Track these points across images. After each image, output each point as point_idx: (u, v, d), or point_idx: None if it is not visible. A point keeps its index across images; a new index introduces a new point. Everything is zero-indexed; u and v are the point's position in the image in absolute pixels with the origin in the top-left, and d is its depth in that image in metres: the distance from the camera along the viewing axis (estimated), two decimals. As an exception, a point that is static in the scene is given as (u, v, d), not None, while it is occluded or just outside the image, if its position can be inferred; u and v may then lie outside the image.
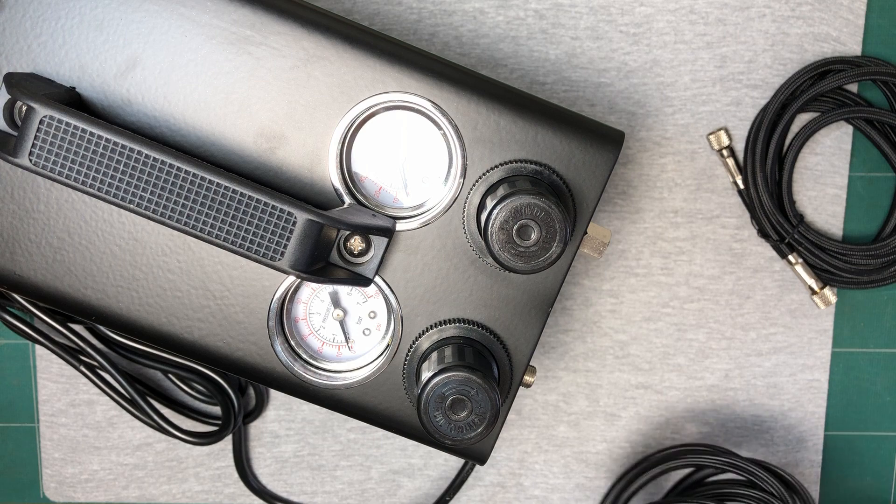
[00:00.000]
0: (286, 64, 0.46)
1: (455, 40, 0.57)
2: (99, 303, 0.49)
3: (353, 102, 0.47)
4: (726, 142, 0.58)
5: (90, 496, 0.63)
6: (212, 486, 0.63)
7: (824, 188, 0.60)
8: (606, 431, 0.62)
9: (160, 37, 0.46)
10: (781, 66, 0.58)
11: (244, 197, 0.43)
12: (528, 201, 0.43)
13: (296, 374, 0.49)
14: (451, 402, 0.45)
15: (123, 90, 0.47)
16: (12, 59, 0.46)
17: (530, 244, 0.44)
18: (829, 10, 0.57)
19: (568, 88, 0.58)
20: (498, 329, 0.49)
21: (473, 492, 0.63)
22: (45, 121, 0.42)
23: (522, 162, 0.47)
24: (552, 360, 0.62)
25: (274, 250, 0.43)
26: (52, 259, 0.48)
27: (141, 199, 0.43)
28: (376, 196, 0.48)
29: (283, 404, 0.62)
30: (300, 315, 0.50)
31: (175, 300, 0.48)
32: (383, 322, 0.50)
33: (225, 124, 0.47)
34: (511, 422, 0.62)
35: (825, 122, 0.58)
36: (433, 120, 0.47)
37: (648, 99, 0.58)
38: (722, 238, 0.60)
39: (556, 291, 0.49)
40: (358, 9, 0.57)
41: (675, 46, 0.58)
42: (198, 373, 0.58)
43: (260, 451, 0.63)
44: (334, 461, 0.63)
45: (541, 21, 0.57)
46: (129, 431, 0.62)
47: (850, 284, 0.60)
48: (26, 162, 0.42)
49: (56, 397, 0.61)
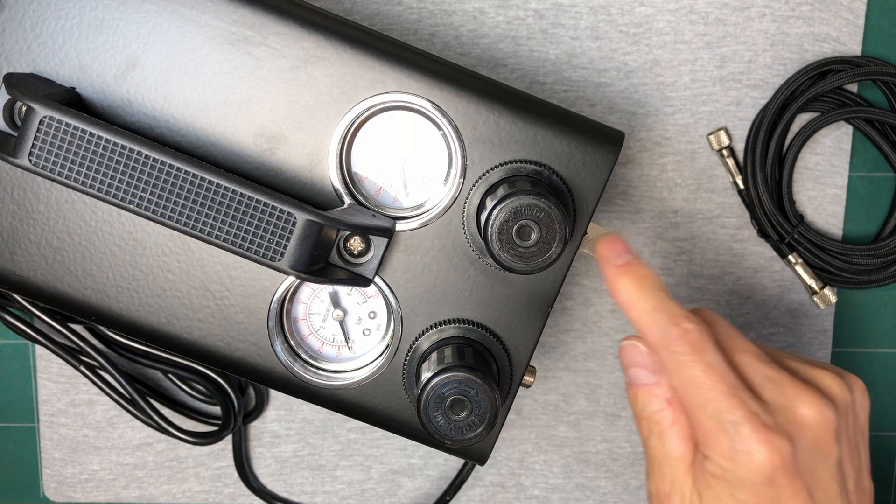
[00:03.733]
0: (286, 64, 0.46)
1: (455, 40, 0.57)
2: (99, 303, 0.49)
3: (352, 102, 0.47)
4: (726, 142, 0.58)
5: (90, 496, 0.63)
6: (212, 486, 0.63)
7: (824, 188, 0.60)
8: (606, 431, 0.62)
9: (160, 37, 0.46)
10: (781, 66, 0.58)
11: (244, 197, 0.43)
12: (528, 201, 0.43)
13: (296, 374, 0.49)
14: (451, 402, 0.45)
15: (123, 90, 0.47)
16: (12, 59, 0.46)
17: (530, 244, 0.44)
18: (829, 10, 0.57)
19: (568, 88, 0.58)
20: (498, 329, 0.49)
21: (473, 492, 0.63)
22: (44, 121, 0.42)
23: (522, 162, 0.47)
24: (552, 360, 0.62)
25: (274, 251, 0.43)
26: (52, 259, 0.48)
27: (141, 200, 0.43)
28: (376, 196, 0.48)
29: (283, 404, 0.62)
30: (300, 315, 0.50)
31: (175, 300, 0.48)
32: (383, 322, 0.50)
33: (225, 124, 0.47)
34: (511, 422, 0.62)
35: (825, 122, 0.58)
36: (433, 120, 0.47)
37: (648, 99, 0.58)
38: (722, 238, 0.60)
39: (556, 291, 0.49)
40: (358, 9, 0.57)
41: (675, 46, 0.58)
42: (198, 373, 0.58)
43: (260, 451, 0.63)
44: (334, 461, 0.63)
45: (541, 21, 0.57)
46: (129, 431, 0.62)
47: (850, 284, 0.60)
48: (26, 162, 0.42)
49: (56, 397, 0.61)
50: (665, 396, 0.47)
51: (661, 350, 0.46)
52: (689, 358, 0.45)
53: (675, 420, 0.47)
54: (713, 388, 0.44)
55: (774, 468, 0.44)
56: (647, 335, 0.47)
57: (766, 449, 0.43)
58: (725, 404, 0.44)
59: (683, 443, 0.47)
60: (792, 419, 0.45)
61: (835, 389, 0.47)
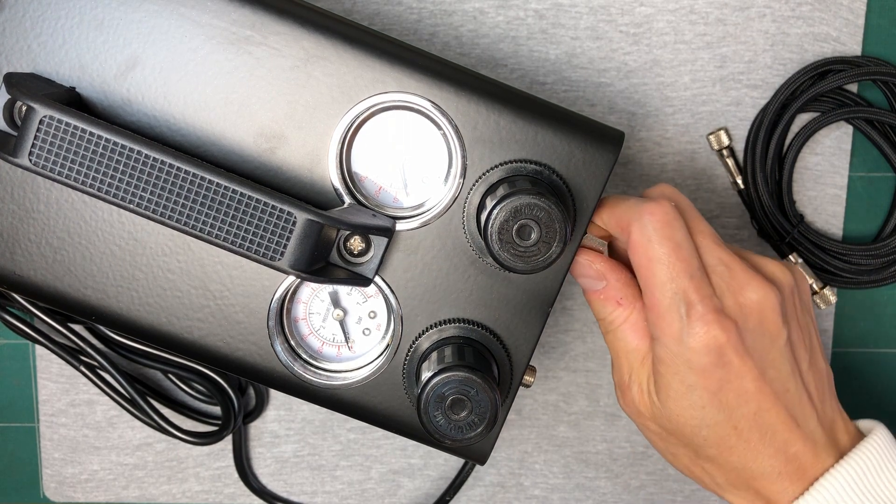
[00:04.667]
0: (286, 64, 0.46)
1: (455, 40, 0.57)
2: (99, 303, 0.49)
3: (353, 102, 0.47)
4: (726, 142, 0.58)
5: (90, 496, 0.63)
6: (212, 486, 0.63)
7: (824, 188, 0.60)
8: (606, 431, 0.62)
9: (160, 37, 0.46)
10: (781, 66, 0.58)
11: (244, 197, 0.43)
12: (529, 201, 0.43)
13: (296, 373, 0.49)
14: (451, 401, 0.45)
15: (123, 90, 0.47)
16: (12, 59, 0.46)
17: (530, 244, 0.44)
18: (829, 10, 0.57)
19: (568, 88, 0.58)
20: (498, 329, 0.49)
21: (473, 492, 0.63)
22: (45, 121, 0.42)
23: (522, 162, 0.47)
24: (552, 360, 0.62)
25: (274, 250, 0.43)
26: (52, 259, 0.48)
27: (141, 199, 0.43)
28: (376, 196, 0.48)
29: (283, 404, 0.62)
30: (300, 315, 0.50)
31: (175, 300, 0.48)
32: (383, 322, 0.50)
33: (225, 124, 0.47)
34: (511, 422, 0.62)
35: (825, 122, 0.58)
36: (433, 120, 0.47)
37: (648, 99, 0.58)
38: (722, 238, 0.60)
39: (556, 291, 0.49)
40: (358, 9, 0.57)
41: (675, 46, 0.58)
42: (198, 373, 0.58)
43: (260, 451, 0.63)
44: (334, 461, 0.63)
45: (541, 21, 0.57)
46: (129, 431, 0.62)
47: (850, 284, 0.60)
48: (26, 162, 0.42)
49: (56, 397, 0.61)
50: (615, 298, 0.49)
51: (633, 224, 0.46)
52: (659, 234, 0.46)
53: (626, 318, 0.48)
54: (676, 267, 0.45)
55: (721, 346, 0.45)
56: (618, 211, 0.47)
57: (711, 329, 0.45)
58: (685, 285, 0.45)
59: (637, 337, 0.48)
60: (739, 302, 0.46)
61: (778, 275, 0.48)
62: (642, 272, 0.46)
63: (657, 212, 0.46)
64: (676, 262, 0.45)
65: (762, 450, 0.46)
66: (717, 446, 0.47)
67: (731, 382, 0.46)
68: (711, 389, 0.46)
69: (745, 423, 0.46)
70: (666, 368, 0.46)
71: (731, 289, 0.46)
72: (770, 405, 0.46)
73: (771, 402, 0.46)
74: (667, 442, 0.49)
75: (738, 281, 0.46)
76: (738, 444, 0.47)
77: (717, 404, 0.46)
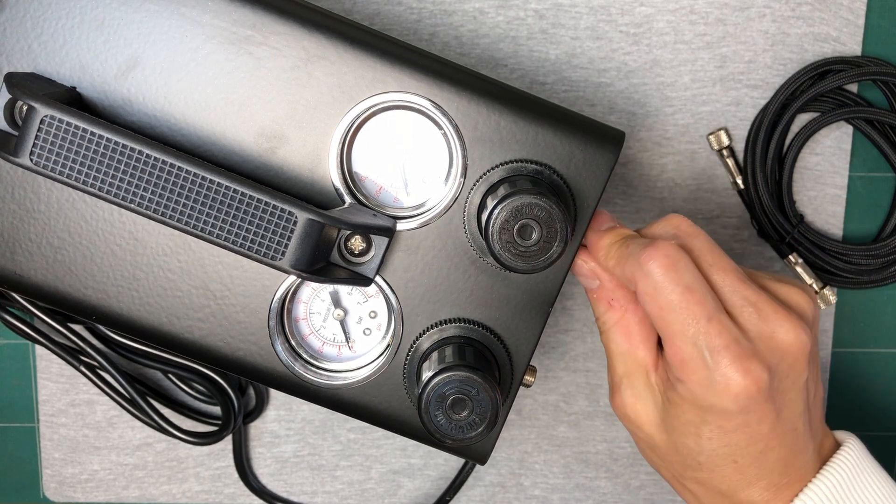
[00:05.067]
0: (287, 64, 0.46)
1: (455, 40, 0.57)
2: (99, 302, 0.49)
3: (353, 102, 0.47)
4: (726, 142, 0.58)
5: (90, 496, 0.63)
6: (212, 486, 0.63)
7: (824, 188, 0.60)
8: (606, 431, 0.62)
9: (161, 37, 0.46)
10: (781, 66, 0.58)
11: (245, 196, 0.43)
12: (529, 201, 0.43)
13: (296, 373, 0.49)
14: (452, 401, 0.45)
15: (124, 90, 0.47)
16: (13, 58, 0.46)
17: (531, 244, 0.44)
18: (829, 10, 0.57)
19: (568, 88, 0.58)
20: (498, 329, 0.49)
21: (473, 492, 0.63)
22: (45, 120, 0.42)
23: (523, 162, 0.47)
24: (552, 360, 0.62)
25: (275, 250, 0.43)
26: (52, 259, 0.48)
27: (141, 199, 0.43)
28: (377, 196, 0.48)
29: (283, 404, 0.62)
30: (301, 315, 0.50)
31: (175, 300, 0.48)
32: (384, 322, 0.50)
33: (225, 124, 0.47)
34: (511, 422, 0.62)
35: (825, 122, 0.58)
36: (433, 120, 0.47)
37: (648, 99, 0.58)
38: (722, 238, 0.60)
39: (556, 291, 0.49)
40: (358, 9, 0.57)
41: (675, 46, 0.58)
42: (198, 373, 0.58)
43: (260, 451, 0.63)
44: (334, 461, 0.63)
45: (541, 21, 0.57)
46: (129, 431, 0.62)
47: (850, 284, 0.60)
48: (27, 161, 0.42)
49: (56, 397, 0.61)
50: (607, 299, 0.47)
51: (636, 274, 0.44)
52: (665, 280, 0.43)
53: (617, 321, 0.47)
54: (691, 312, 0.43)
55: (752, 395, 0.43)
56: (622, 262, 0.45)
57: (745, 378, 0.42)
58: (704, 330, 0.42)
59: (627, 341, 0.47)
60: (772, 346, 0.44)
61: (804, 307, 0.46)
62: (658, 323, 0.44)
63: (657, 256, 0.44)
64: (690, 306, 0.43)
65: (756, 482, 0.45)
66: (710, 472, 0.45)
67: (749, 426, 0.44)
68: (726, 429, 0.44)
69: (746, 460, 0.45)
70: (683, 401, 0.44)
71: (763, 333, 0.44)
72: (776, 444, 0.44)
73: (778, 442, 0.44)
74: (654, 451, 0.48)
75: (769, 323, 0.44)
76: (733, 476, 0.45)
77: (725, 441, 0.44)
